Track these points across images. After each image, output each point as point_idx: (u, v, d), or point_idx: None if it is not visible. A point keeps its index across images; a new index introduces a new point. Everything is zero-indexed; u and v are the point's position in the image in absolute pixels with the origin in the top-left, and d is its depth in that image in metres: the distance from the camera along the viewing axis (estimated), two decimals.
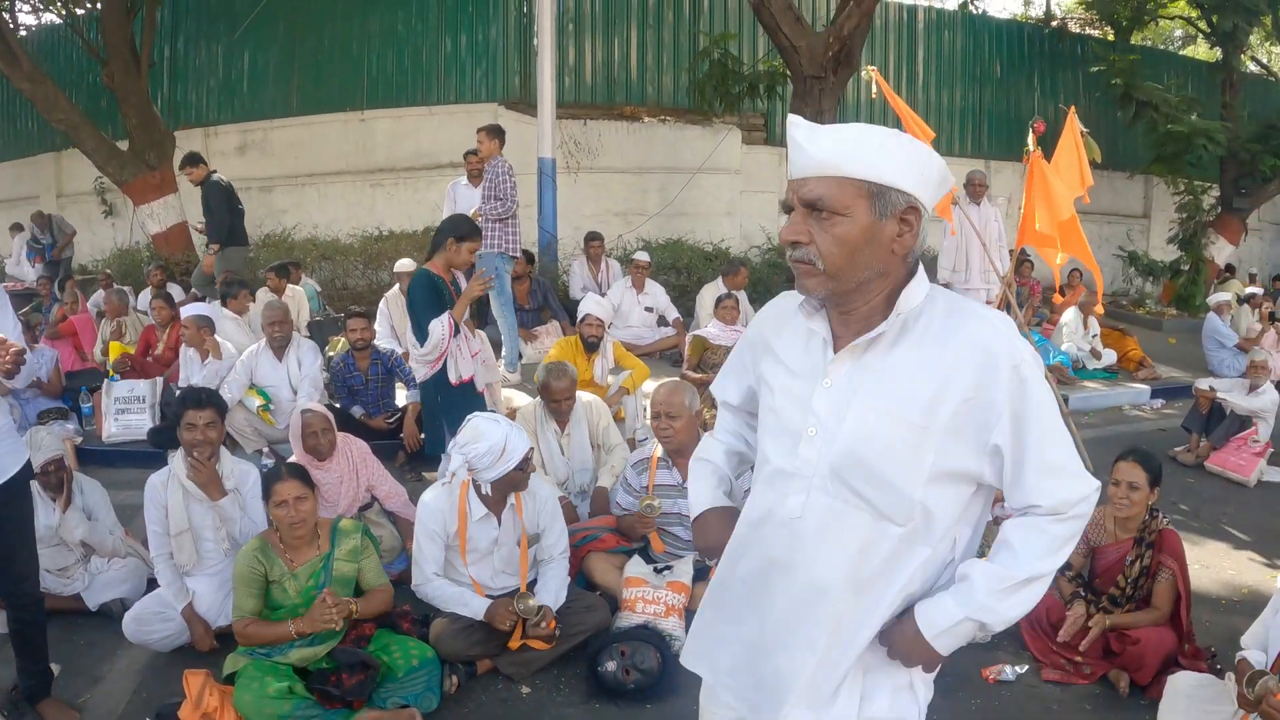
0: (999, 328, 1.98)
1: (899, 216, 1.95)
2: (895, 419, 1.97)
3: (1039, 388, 1.97)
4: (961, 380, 1.94)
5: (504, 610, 4.35)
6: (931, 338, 1.99)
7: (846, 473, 2.02)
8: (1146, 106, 16.28)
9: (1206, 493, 7.97)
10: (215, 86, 15.57)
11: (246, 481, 4.91)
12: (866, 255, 1.95)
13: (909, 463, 1.97)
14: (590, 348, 7.62)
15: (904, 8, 17.60)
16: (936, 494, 2.00)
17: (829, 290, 1.99)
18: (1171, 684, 4.29)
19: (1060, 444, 2.01)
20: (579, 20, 14.96)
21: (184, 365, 7.82)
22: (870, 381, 2.01)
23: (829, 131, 1.94)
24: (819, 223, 1.94)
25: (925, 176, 1.96)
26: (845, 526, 2.04)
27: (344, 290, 12.57)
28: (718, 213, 15.33)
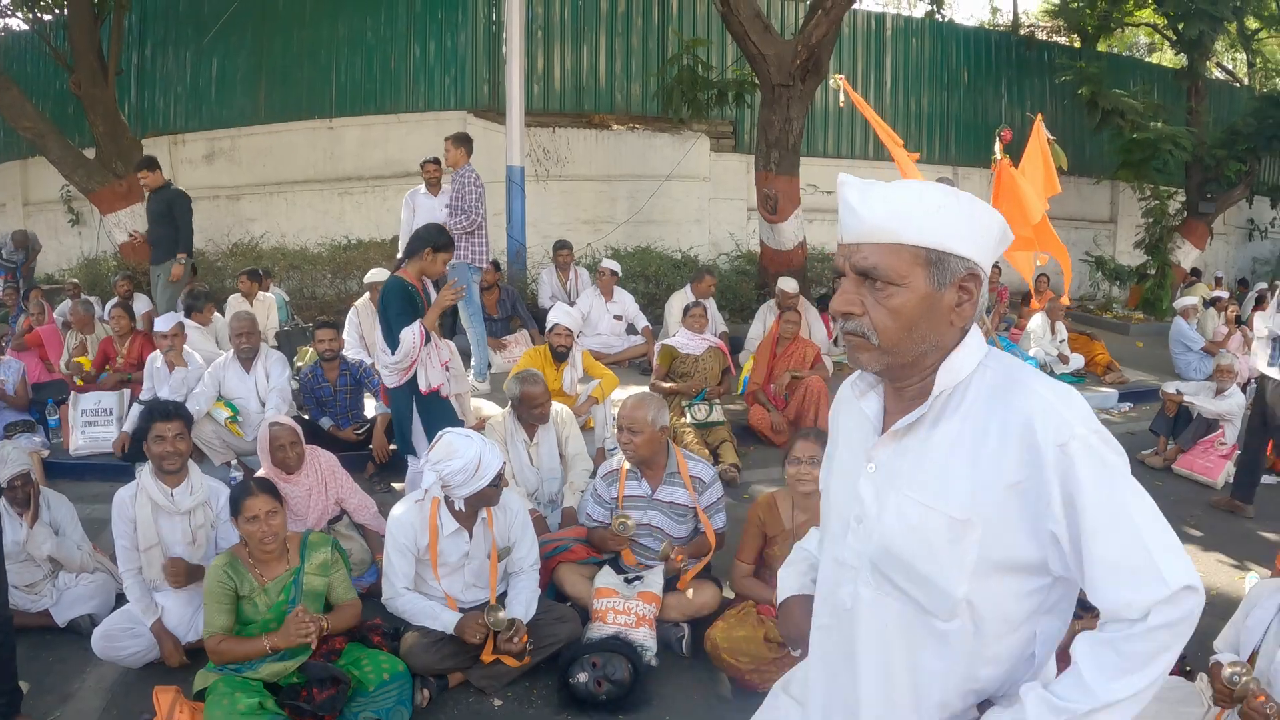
0: (1049, 401, 1.76)
1: (958, 285, 1.80)
2: (932, 510, 1.81)
3: (1095, 468, 1.72)
4: (1004, 464, 1.76)
5: (474, 624, 4.36)
6: (975, 416, 1.81)
7: (885, 566, 1.89)
8: (1113, 113, 16.47)
9: (1174, 496, 8.05)
10: (183, 94, 15.43)
11: (219, 499, 4.89)
12: (924, 328, 1.81)
13: (948, 557, 1.80)
14: (559, 357, 7.64)
15: (872, 15, 17.76)
16: (988, 588, 1.80)
17: (883, 365, 1.86)
18: None
19: (1127, 535, 1.73)
20: (548, 28, 14.97)
21: (149, 377, 7.71)
22: (909, 468, 1.86)
23: (883, 192, 1.80)
24: (873, 293, 1.80)
25: (985, 238, 1.82)
26: (892, 621, 1.90)
27: (312, 300, 12.50)
28: (687, 220, 15.39)
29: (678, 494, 5.13)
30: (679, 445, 7.27)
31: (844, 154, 17.15)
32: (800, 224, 12.48)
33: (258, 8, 14.96)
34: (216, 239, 14.28)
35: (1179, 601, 1.74)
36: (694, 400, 8.21)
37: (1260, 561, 6.54)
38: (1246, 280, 20.32)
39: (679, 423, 7.97)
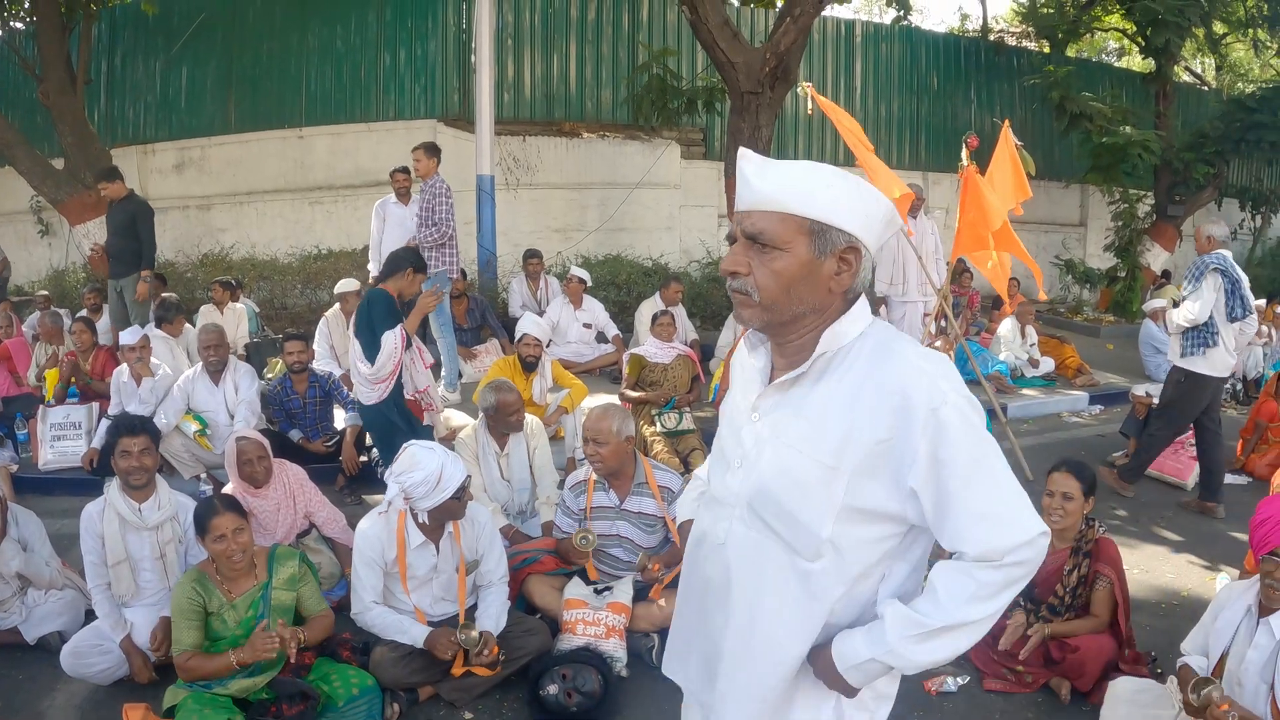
0: (923, 369, 1.95)
1: (838, 255, 1.96)
2: (805, 456, 1.99)
3: (964, 431, 1.91)
4: (875, 422, 1.93)
5: (446, 640, 4.37)
6: (852, 377, 1.98)
7: (759, 505, 2.07)
8: (1081, 117, 16.59)
9: (1145, 497, 8.13)
10: (152, 103, 15.31)
11: (187, 514, 4.85)
12: (801, 290, 1.97)
13: (817, 500, 1.98)
14: (528, 367, 7.67)
15: (841, 22, 17.79)
16: (849, 532, 1.99)
17: (763, 321, 2.03)
18: (1112, 689, 4.40)
19: (991, 489, 1.94)
20: (518, 36, 14.93)
21: (116, 392, 7.67)
22: (789, 418, 2.04)
23: (777, 167, 1.97)
24: (758, 255, 1.97)
25: (869, 217, 1.98)
26: (762, 557, 2.08)
27: (282, 310, 12.47)
28: (657, 227, 15.42)
29: (646, 504, 5.16)
30: (649, 454, 7.33)
31: (815, 158, 17.12)
32: None
33: (227, 16, 14.90)
34: (187, 249, 14.20)
35: (1036, 544, 1.95)
36: (663, 409, 8.23)
37: (1231, 562, 6.59)
38: None
39: (649, 431, 7.98)
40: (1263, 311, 13.98)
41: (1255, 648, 3.91)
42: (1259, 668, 3.88)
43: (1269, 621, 3.90)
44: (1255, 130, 16.50)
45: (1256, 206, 20.45)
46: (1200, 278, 7.34)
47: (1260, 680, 3.87)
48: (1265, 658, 3.87)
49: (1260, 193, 20.37)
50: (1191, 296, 7.37)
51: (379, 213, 10.30)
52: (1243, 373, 12.76)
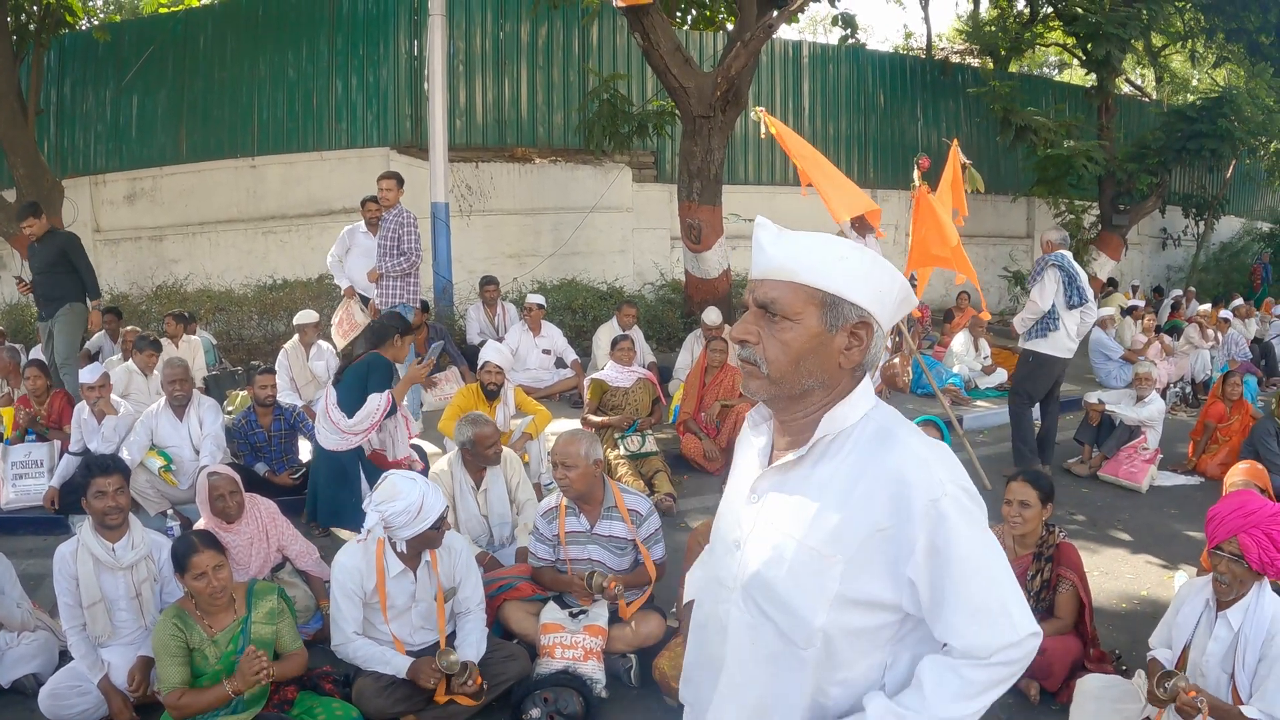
0: (924, 458, 1.91)
1: (849, 330, 1.93)
2: (800, 543, 1.93)
3: (963, 523, 1.87)
4: (873, 510, 1.88)
5: (428, 669, 4.39)
6: (852, 463, 1.94)
7: (754, 591, 2.01)
8: (1026, 131, 16.91)
9: (1101, 501, 8.37)
10: (103, 133, 15.18)
11: (161, 552, 4.85)
12: (811, 364, 1.94)
13: (810, 588, 1.92)
14: (491, 395, 7.68)
15: (789, 44, 18.04)
16: (843, 621, 1.93)
17: (770, 394, 1.99)
18: (1080, 687, 4.56)
19: (987, 584, 1.89)
20: (469, 62, 14.99)
21: (77, 428, 7.50)
22: (786, 502, 1.99)
23: (793, 237, 1.95)
24: (768, 325, 1.94)
25: (882, 293, 1.95)
26: (759, 642, 2.02)
27: (239, 342, 12.38)
28: (611, 251, 15.53)
29: (616, 527, 5.20)
30: (613, 478, 7.38)
31: (764, 181, 17.38)
32: (724, 252, 12.65)
33: (178, 45, 14.86)
34: (140, 281, 14.08)
35: (1025, 645, 1.92)
36: (626, 432, 8.29)
37: (1188, 561, 6.80)
38: (1161, 288, 20.95)
39: (613, 455, 8.04)
40: (1208, 315, 14.29)
41: (1215, 640, 4.08)
42: (1219, 659, 4.05)
43: (1226, 615, 4.06)
44: (1196, 139, 16.93)
45: (1199, 213, 20.93)
46: (1042, 273, 8.38)
47: (1221, 670, 4.04)
48: (1225, 649, 4.04)
49: (1202, 199, 20.89)
50: (1036, 289, 8.44)
51: (345, 241, 10.17)
52: (1191, 376, 13.05)
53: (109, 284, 14.05)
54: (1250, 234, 24.60)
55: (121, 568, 4.71)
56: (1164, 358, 12.94)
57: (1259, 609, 4.00)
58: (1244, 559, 3.98)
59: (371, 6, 14.63)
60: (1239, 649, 3.99)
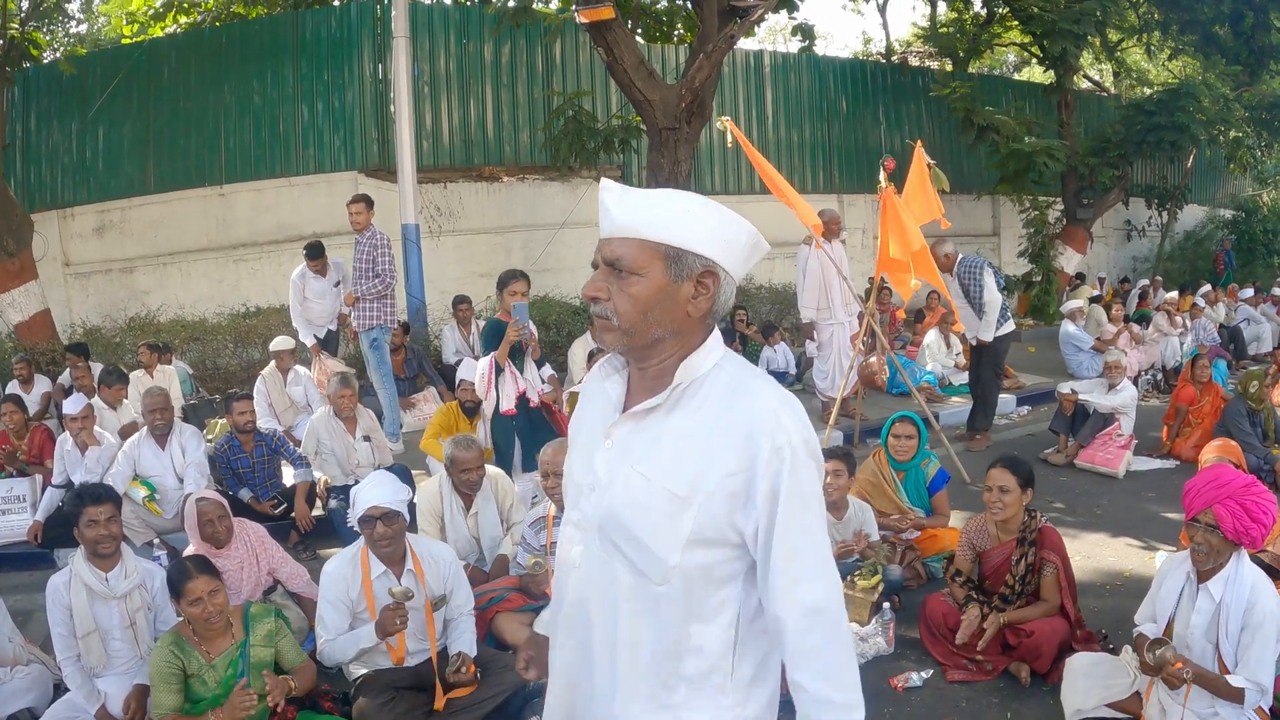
0: (772, 406, 2.02)
1: (695, 279, 2.03)
2: (657, 485, 2.03)
3: (803, 473, 2.00)
4: (727, 456, 1.99)
5: (388, 613, 4.43)
6: (707, 410, 2.04)
7: (610, 531, 2.10)
8: (988, 130, 17.09)
9: (1079, 488, 8.52)
10: (70, 166, 15.00)
11: (154, 580, 4.87)
12: (659, 314, 2.03)
13: (665, 529, 2.02)
14: (469, 413, 7.72)
15: (750, 53, 18.17)
16: (695, 558, 2.03)
17: (623, 345, 2.08)
18: (1069, 665, 4.68)
19: (801, 534, 2.01)
20: (434, 83, 14.98)
21: (60, 460, 7.50)
22: (642, 445, 2.08)
23: (635, 196, 2.05)
24: (617, 281, 2.03)
25: (728, 243, 2.05)
26: (613, 580, 2.12)
27: (215, 371, 12.32)
28: (581, 266, 15.53)
29: None
30: None
31: (730, 190, 17.42)
32: None
33: (143, 76, 14.75)
34: (113, 314, 14.01)
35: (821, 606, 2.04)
36: None
37: (1167, 541, 6.97)
38: (1128, 278, 21.20)
39: None
40: (1176, 303, 14.49)
41: (1198, 612, 4.18)
42: (1203, 630, 4.15)
43: (1208, 586, 4.17)
44: (1156, 131, 17.13)
45: (1162, 203, 21.16)
46: (981, 276, 9.24)
47: (1206, 641, 4.15)
48: (1208, 621, 4.15)
49: (1164, 190, 21.13)
50: (985, 292, 9.23)
51: (298, 287, 10.17)
52: (1162, 363, 13.22)
53: (80, 318, 14.03)
54: (1213, 222, 24.92)
55: (115, 597, 4.70)
56: (1134, 346, 13.11)
57: (1238, 579, 4.11)
58: (1219, 529, 4.08)
59: (335, 31, 14.61)
60: (1221, 619, 4.10)
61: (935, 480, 6.73)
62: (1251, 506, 4.07)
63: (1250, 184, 26.09)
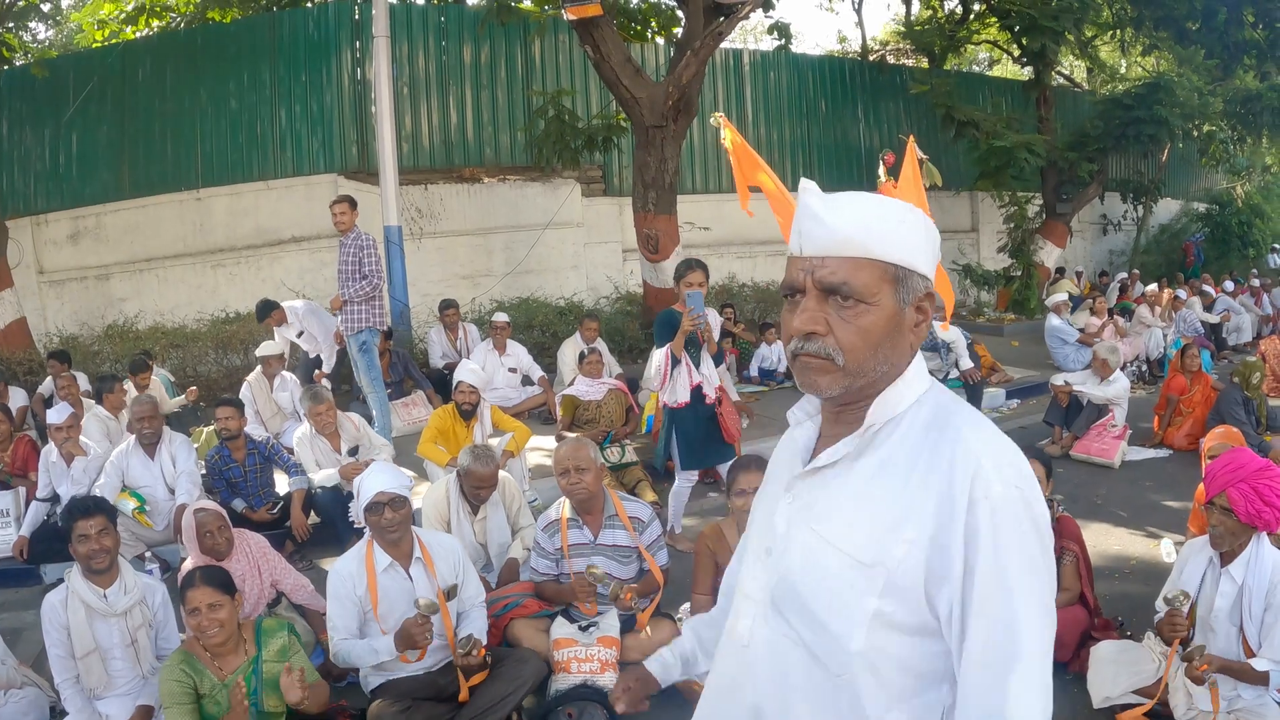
0: (974, 450, 1.61)
1: (916, 304, 1.69)
2: (835, 550, 1.67)
3: (1009, 539, 1.55)
4: (923, 511, 1.60)
5: (413, 627, 4.31)
6: (900, 456, 1.67)
7: (783, 604, 1.75)
8: (967, 126, 17.14)
9: (1077, 479, 8.57)
10: (43, 172, 14.70)
11: (154, 596, 4.73)
12: (887, 349, 1.67)
13: (848, 604, 1.64)
14: (466, 415, 7.63)
15: (730, 52, 18.21)
16: (886, 646, 1.63)
17: (844, 388, 1.68)
18: (1095, 654, 4.68)
19: (1017, 634, 1.54)
20: (413, 84, 14.89)
21: (45, 472, 7.24)
22: (824, 503, 1.73)
23: (850, 201, 1.69)
24: (839, 311, 1.64)
25: (935, 254, 1.73)
26: (785, 665, 1.75)
27: (197, 378, 12.06)
28: (564, 267, 15.53)
29: (619, 536, 5.18)
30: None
31: (712, 189, 17.44)
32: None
33: (117, 79, 14.53)
34: (90, 322, 13.80)
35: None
36: (603, 445, 8.24)
37: (1169, 528, 7.01)
38: (1107, 271, 21.34)
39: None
40: (1155, 296, 14.56)
41: (1221, 595, 4.25)
42: (1226, 613, 4.23)
43: (1229, 570, 4.24)
44: (1133, 126, 17.30)
45: (1138, 197, 21.28)
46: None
47: (1230, 624, 4.22)
48: (1231, 604, 4.23)
49: (1141, 184, 21.22)
50: (938, 331, 9.49)
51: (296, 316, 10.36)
52: (1145, 354, 13.29)
53: (56, 326, 13.77)
54: (1188, 215, 25.19)
55: (115, 614, 4.52)
56: (1118, 338, 13.13)
57: (1259, 561, 4.20)
58: (1233, 512, 4.16)
59: (312, 32, 14.46)
60: (1244, 602, 4.19)
61: None
62: (1265, 490, 4.14)
63: (1224, 177, 26.25)
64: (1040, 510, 1.59)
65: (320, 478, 7.08)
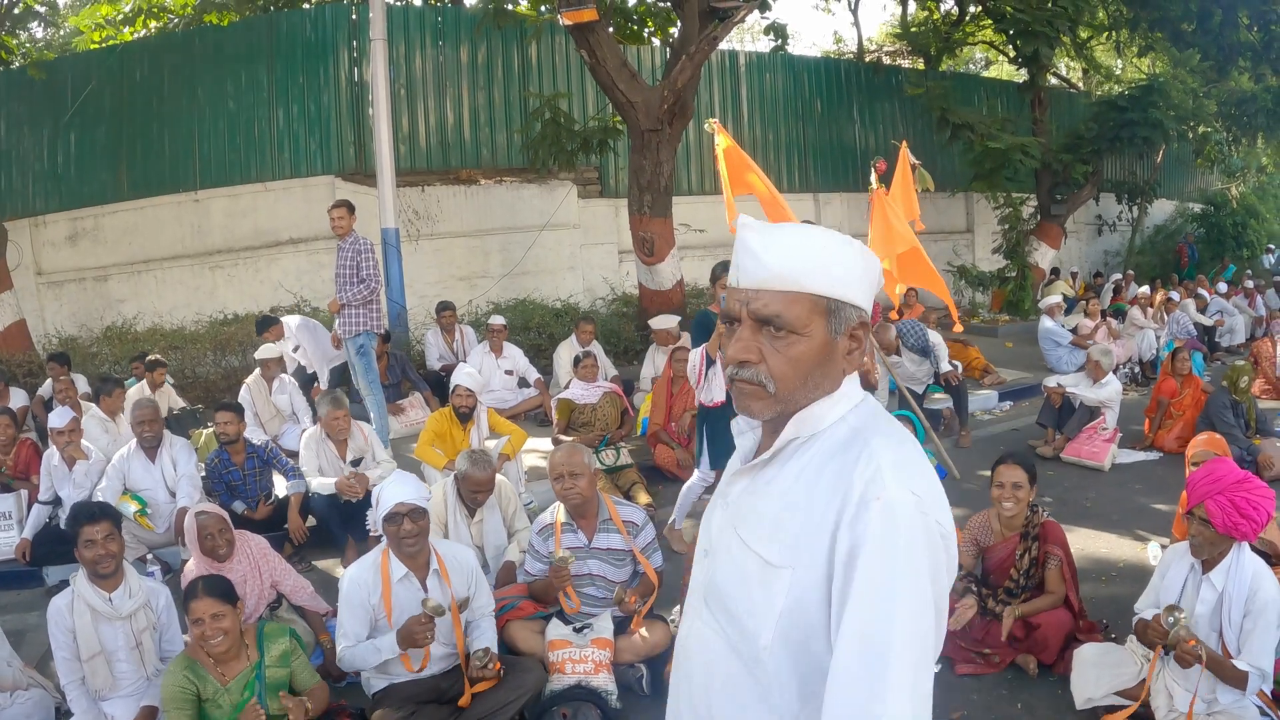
0: (875, 452, 1.69)
1: (849, 333, 1.77)
2: (750, 552, 1.78)
3: (896, 539, 1.60)
4: (827, 515, 1.67)
5: (415, 624, 4.37)
6: (815, 466, 1.76)
7: (712, 600, 1.87)
8: (963, 128, 17.20)
9: (1068, 482, 8.64)
10: (41, 173, 14.72)
11: (158, 599, 4.79)
12: (818, 376, 1.76)
13: (759, 601, 1.74)
14: (463, 418, 7.70)
15: (725, 53, 18.21)
16: (793, 641, 1.72)
17: (776, 413, 1.79)
18: (1078, 656, 4.77)
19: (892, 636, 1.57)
20: (410, 86, 14.92)
21: (47, 475, 7.31)
22: (749, 507, 1.84)
23: (784, 237, 1.75)
24: (771, 341, 1.74)
25: (871, 285, 1.80)
26: (712, 657, 1.86)
27: (195, 380, 12.13)
28: (560, 268, 15.60)
29: (614, 540, 5.25)
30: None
31: (708, 191, 17.40)
32: (676, 263, 12.72)
33: (115, 81, 14.56)
34: (89, 323, 13.84)
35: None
36: (598, 448, 8.31)
37: (1156, 532, 7.08)
38: (1101, 273, 21.43)
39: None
40: (1148, 298, 14.64)
41: (1202, 602, 4.34)
42: (1207, 619, 4.31)
43: (1210, 577, 4.32)
44: (1128, 128, 17.32)
45: (1133, 198, 21.34)
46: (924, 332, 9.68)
47: (1210, 629, 4.30)
48: (1211, 609, 4.31)
49: (1135, 185, 21.30)
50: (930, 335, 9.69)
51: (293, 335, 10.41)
52: (1138, 355, 13.35)
53: (55, 328, 13.83)
54: (1183, 215, 25.27)
55: (121, 617, 4.59)
56: (1111, 340, 13.21)
57: (1239, 569, 4.27)
58: (1210, 523, 4.23)
59: (310, 34, 14.50)
60: (1224, 608, 4.27)
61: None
62: (1241, 503, 4.20)
63: (1219, 178, 26.35)
64: (938, 520, 1.66)
65: (316, 485, 7.11)
